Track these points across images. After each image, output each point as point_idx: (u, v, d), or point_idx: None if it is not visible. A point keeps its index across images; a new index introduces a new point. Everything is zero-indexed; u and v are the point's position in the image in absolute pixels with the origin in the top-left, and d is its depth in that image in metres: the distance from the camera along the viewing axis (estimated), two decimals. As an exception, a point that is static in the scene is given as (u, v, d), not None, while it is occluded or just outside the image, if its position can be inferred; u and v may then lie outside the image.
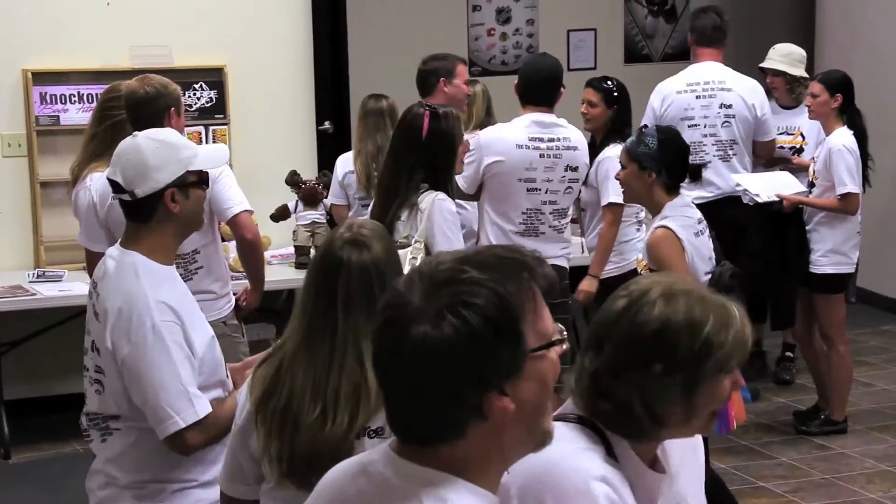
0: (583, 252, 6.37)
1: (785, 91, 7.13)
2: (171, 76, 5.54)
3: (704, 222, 4.73)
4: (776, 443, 6.41)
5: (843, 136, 6.27)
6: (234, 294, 5.19)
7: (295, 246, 6.65)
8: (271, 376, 2.73)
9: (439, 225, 4.58)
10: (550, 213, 5.62)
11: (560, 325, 1.84)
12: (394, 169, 4.74)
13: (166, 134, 3.36)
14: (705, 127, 6.69)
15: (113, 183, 3.26)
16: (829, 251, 6.37)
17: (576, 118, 6.11)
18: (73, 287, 6.36)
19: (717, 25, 6.84)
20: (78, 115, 6.90)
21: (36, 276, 6.56)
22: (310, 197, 6.63)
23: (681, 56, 10.84)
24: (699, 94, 6.72)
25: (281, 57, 7.44)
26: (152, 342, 3.14)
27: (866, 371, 7.50)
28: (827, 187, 6.31)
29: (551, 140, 5.59)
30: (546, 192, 5.59)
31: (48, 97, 6.90)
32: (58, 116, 6.93)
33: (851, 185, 6.21)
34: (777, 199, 6.38)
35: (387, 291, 1.84)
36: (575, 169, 5.63)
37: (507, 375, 1.74)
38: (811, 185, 6.46)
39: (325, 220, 6.60)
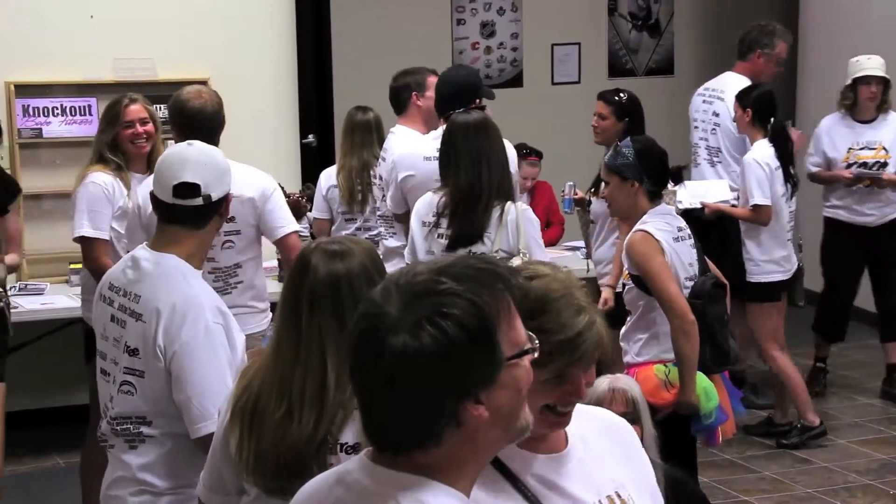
0: (588, 270, 6.39)
1: (876, 102, 7.13)
2: (154, 89, 5.58)
3: (687, 231, 4.74)
4: (759, 457, 6.41)
5: (757, 150, 6.52)
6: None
7: (278, 259, 6.64)
8: (246, 383, 2.74)
9: (531, 234, 4.68)
10: None
11: (531, 333, 1.86)
12: (481, 175, 4.67)
13: (217, 152, 3.55)
14: (702, 130, 7.05)
15: (187, 186, 3.36)
16: (760, 261, 6.57)
17: (558, 130, 6.12)
18: (55, 300, 6.34)
19: (740, 39, 7.38)
20: (61, 127, 6.90)
21: (18, 289, 6.53)
22: (293, 210, 6.60)
23: (665, 70, 10.88)
24: (705, 98, 7.18)
25: (264, 70, 7.44)
26: (203, 342, 3.25)
27: (849, 385, 7.52)
28: (746, 199, 6.57)
29: None
30: None
31: (31, 109, 6.89)
32: (40, 129, 6.92)
33: (759, 196, 6.42)
34: (700, 206, 6.54)
35: (362, 302, 1.85)
36: None
37: (482, 384, 1.77)
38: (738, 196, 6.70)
39: (308, 234, 6.59)
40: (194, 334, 3.25)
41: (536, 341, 1.86)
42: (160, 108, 6.08)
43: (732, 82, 7.06)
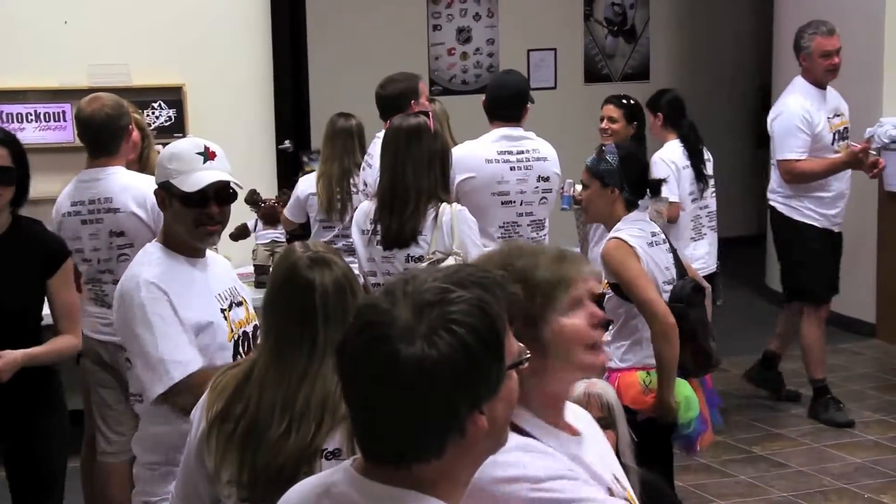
0: None
1: None
2: (129, 95, 5.55)
3: (661, 235, 4.74)
4: (735, 461, 6.43)
5: (665, 150, 6.68)
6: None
7: (254, 265, 6.63)
8: (230, 396, 2.72)
9: (468, 235, 4.67)
10: (528, 225, 5.65)
11: (522, 345, 1.85)
12: (408, 175, 4.67)
13: (186, 143, 3.63)
14: None
15: None
16: None
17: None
18: (29, 307, 6.29)
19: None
20: (35, 133, 6.87)
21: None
22: (269, 216, 6.61)
23: (640, 76, 10.92)
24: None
25: (240, 75, 7.42)
26: (135, 316, 3.44)
27: (824, 389, 7.56)
28: None
29: (521, 152, 5.64)
30: (521, 204, 5.63)
31: (5, 116, 6.86)
32: (15, 135, 6.87)
33: (668, 195, 6.40)
34: None
35: (361, 308, 1.81)
36: (546, 179, 5.67)
37: (489, 394, 1.75)
38: None
39: (284, 239, 6.59)
40: (129, 309, 3.46)
41: (528, 353, 1.86)
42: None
43: (795, 90, 7.08)
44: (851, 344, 8.48)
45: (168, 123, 7.11)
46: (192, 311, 3.46)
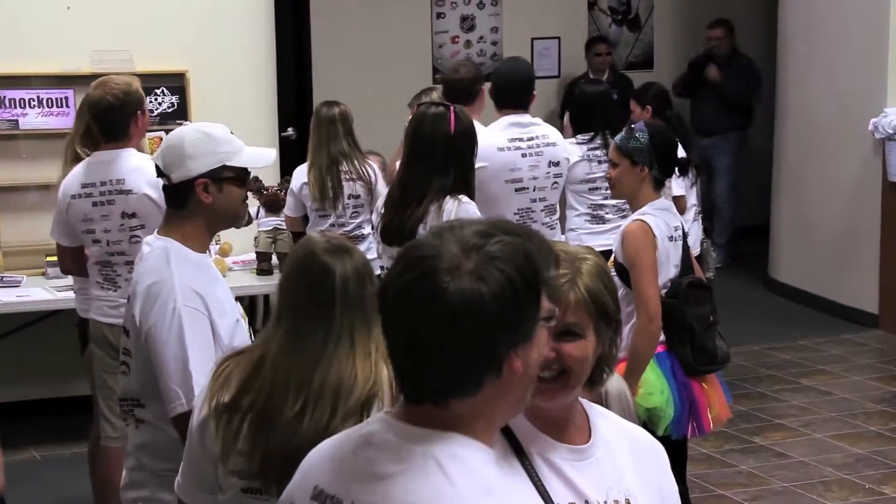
0: None
1: None
2: (132, 81, 5.51)
3: (681, 231, 4.68)
4: (736, 451, 6.43)
5: None
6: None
7: (256, 252, 6.63)
8: (240, 387, 2.72)
9: None
10: (542, 210, 5.71)
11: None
12: (419, 172, 4.63)
13: (213, 127, 3.47)
14: None
15: (156, 166, 3.44)
16: None
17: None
18: (31, 293, 6.30)
19: None
20: (37, 119, 6.86)
21: (-6, 281, 6.48)
22: (271, 203, 6.60)
23: (644, 64, 10.90)
24: None
25: (243, 62, 7.40)
26: (170, 324, 3.27)
27: (825, 380, 7.55)
28: None
29: (531, 139, 5.69)
30: (535, 190, 5.68)
31: (7, 101, 6.85)
32: (17, 121, 6.88)
33: (677, 189, 6.25)
34: None
35: (407, 248, 1.85)
36: (557, 164, 5.75)
37: (526, 337, 1.81)
38: None
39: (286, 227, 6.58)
40: (163, 316, 3.29)
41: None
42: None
43: None
44: (854, 334, 8.47)
45: (171, 110, 7.10)
46: (226, 314, 3.36)
